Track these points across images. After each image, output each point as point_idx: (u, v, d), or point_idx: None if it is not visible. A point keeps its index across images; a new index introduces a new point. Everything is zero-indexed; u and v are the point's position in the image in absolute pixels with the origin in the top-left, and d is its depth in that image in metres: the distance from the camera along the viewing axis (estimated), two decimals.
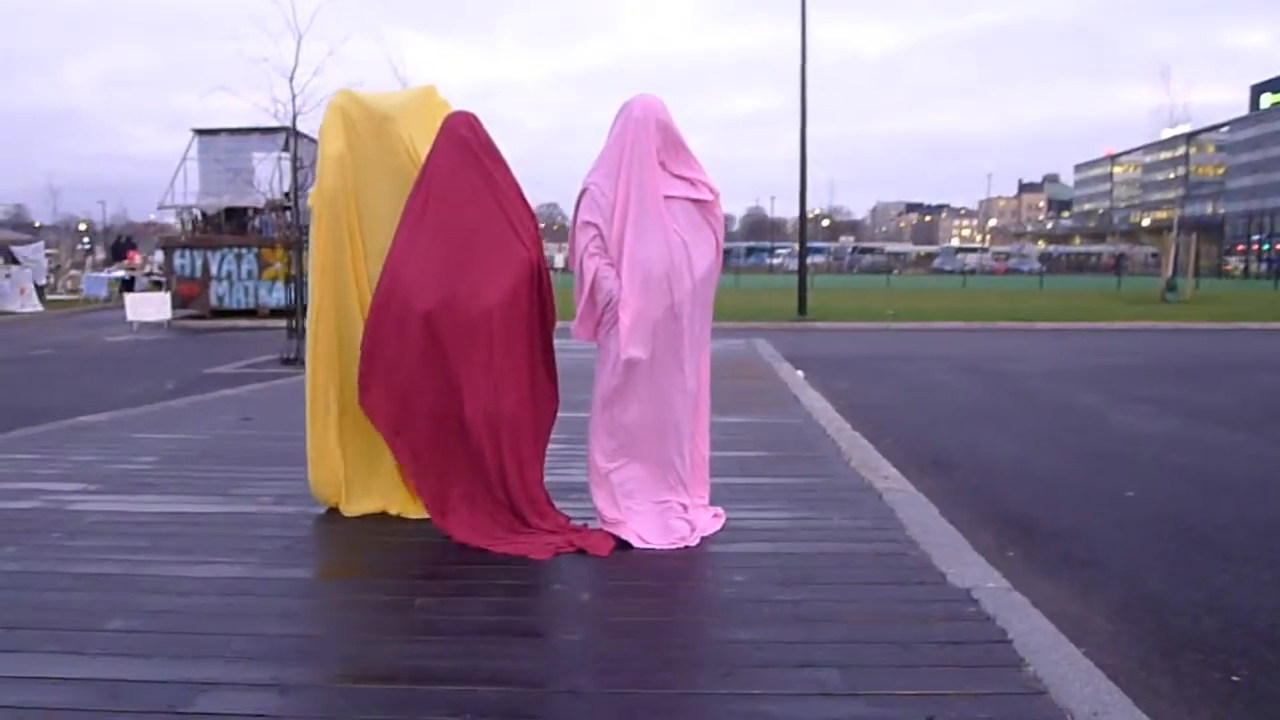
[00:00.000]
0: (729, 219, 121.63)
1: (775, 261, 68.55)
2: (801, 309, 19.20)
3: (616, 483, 3.73)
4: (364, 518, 4.02)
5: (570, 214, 3.78)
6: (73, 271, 28.53)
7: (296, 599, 3.17)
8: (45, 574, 3.36)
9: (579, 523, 3.82)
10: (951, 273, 53.35)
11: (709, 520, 3.90)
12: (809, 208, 21.96)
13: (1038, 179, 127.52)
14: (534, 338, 3.78)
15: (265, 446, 5.70)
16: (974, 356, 12.87)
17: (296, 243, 11.92)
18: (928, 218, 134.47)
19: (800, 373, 9.87)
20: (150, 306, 16.56)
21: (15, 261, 21.32)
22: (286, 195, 13.91)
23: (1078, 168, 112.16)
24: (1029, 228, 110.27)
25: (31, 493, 4.48)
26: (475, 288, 3.57)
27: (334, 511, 4.10)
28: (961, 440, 6.91)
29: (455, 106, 4.01)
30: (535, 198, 3.90)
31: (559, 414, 3.96)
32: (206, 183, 19.46)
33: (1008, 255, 68.76)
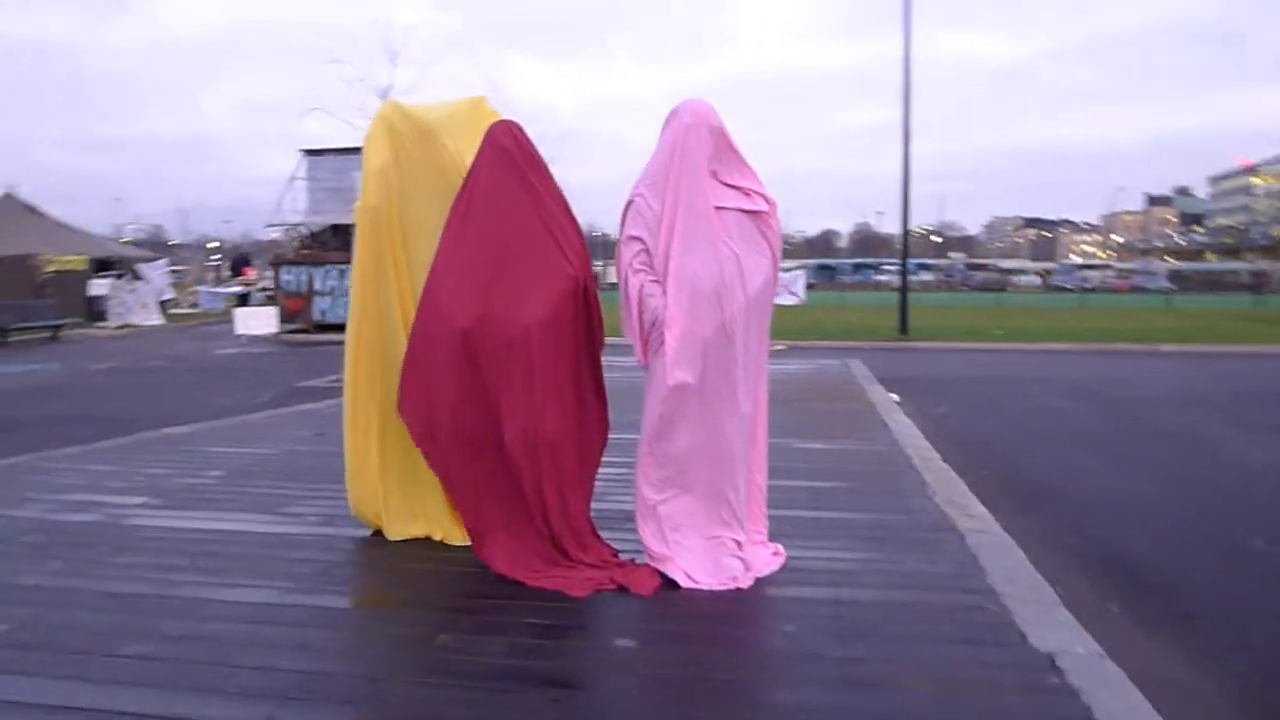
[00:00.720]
0: (834, 235, 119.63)
1: (881, 278, 66.91)
2: (903, 328, 18.45)
3: (664, 516, 3.46)
4: (406, 543, 3.86)
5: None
6: (195, 287, 30.06)
7: (316, 629, 3.01)
8: (80, 591, 3.33)
9: (627, 557, 3.57)
10: (1071, 290, 50.85)
11: (766, 558, 3.59)
12: (917, 223, 21.22)
13: (1168, 192, 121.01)
14: (579, 358, 3.55)
15: (331, 463, 5.60)
16: (1088, 380, 12.03)
17: None
18: (1047, 233, 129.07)
19: (894, 396, 9.37)
20: (258, 320, 17.19)
21: (140, 278, 22.56)
22: None
23: (1212, 180, 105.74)
24: (1157, 243, 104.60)
25: (95, 505, 4.52)
26: (514, 304, 3.37)
27: (379, 534, 3.97)
28: (1065, 472, 6.34)
29: (519, 119, 3.84)
30: None
31: (611, 437, 3.72)
32: (314, 201, 20.16)
33: (1133, 272, 65.17)
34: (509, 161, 3.43)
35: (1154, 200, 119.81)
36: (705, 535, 3.46)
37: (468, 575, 3.48)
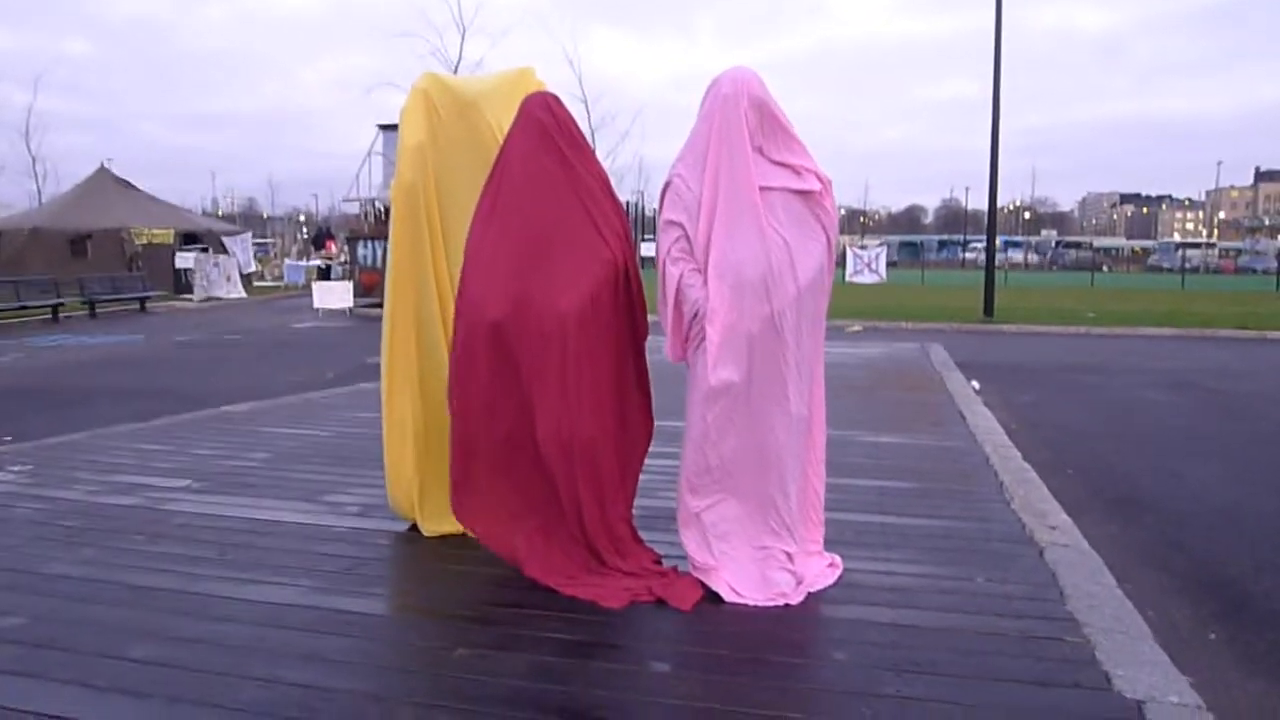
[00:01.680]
0: (919, 211, 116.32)
1: (969, 256, 64.85)
2: (988, 310, 17.66)
3: (709, 523, 3.19)
4: (442, 540, 3.69)
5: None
6: (280, 260, 30.75)
7: (331, 636, 2.84)
8: (104, 583, 3.23)
9: (671, 564, 3.32)
10: (1171, 270, 48.34)
11: (820, 571, 3.29)
12: (1007, 200, 20.28)
13: (1279, 166, 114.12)
14: (621, 350, 3.29)
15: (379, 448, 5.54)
16: (1188, 370, 11.26)
17: None
18: (1145, 210, 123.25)
19: (974, 384, 8.87)
20: (334, 295, 17.41)
21: (225, 251, 23.14)
22: None
23: None
24: (1266, 221, 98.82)
25: (138, 488, 4.47)
26: (548, 292, 3.12)
27: (415, 529, 3.81)
28: (1161, 475, 5.84)
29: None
30: None
31: (659, 423, 3.46)
32: (388, 175, 20.33)
33: (1239, 252, 61.66)
34: (544, 136, 3.17)
35: (1261, 175, 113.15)
36: (754, 545, 3.19)
37: (497, 580, 3.27)
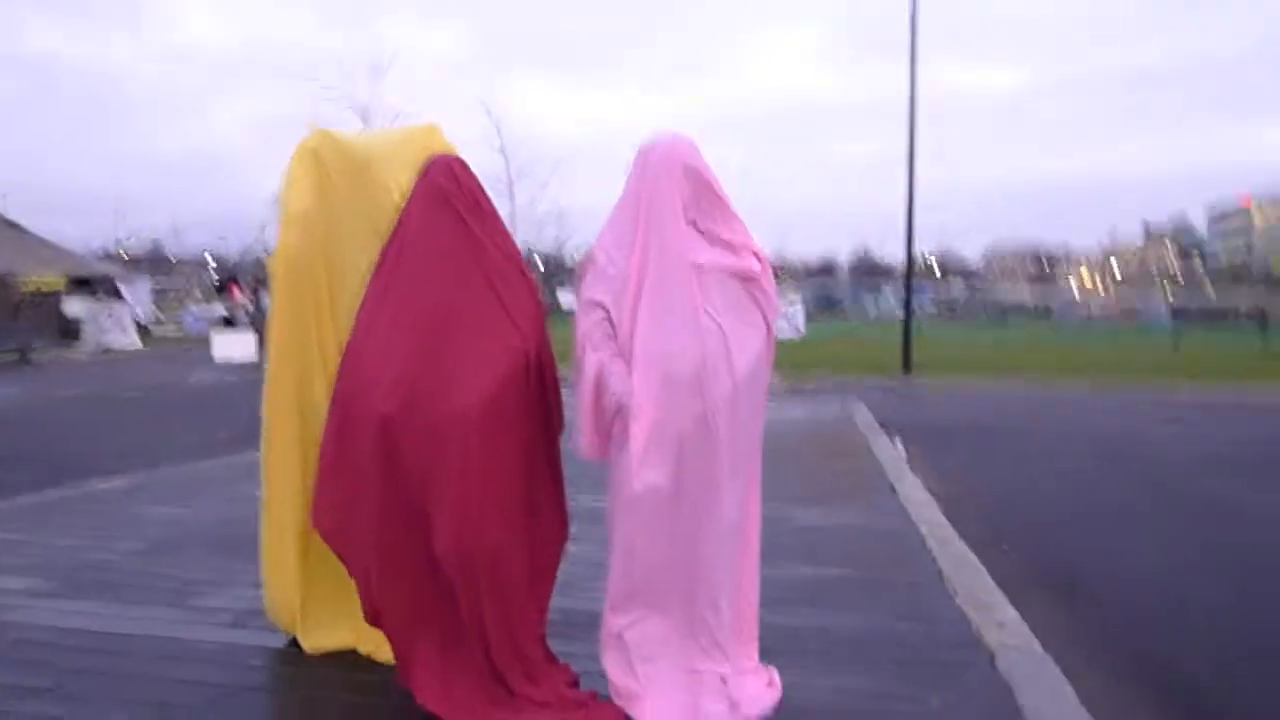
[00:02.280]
0: (834, 264, 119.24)
1: (882, 307, 66.44)
2: (906, 365, 17.83)
3: (633, 644, 2.79)
4: (325, 660, 3.20)
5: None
6: (183, 309, 29.32)
7: None
8: None
9: (590, 686, 2.91)
10: (1071, 322, 50.35)
11: (758, 692, 2.92)
12: (917, 250, 20.64)
13: (1165, 221, 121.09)
14: (532, 447, 2.90)
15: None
16: (1106, 429, 11.38)
17: None
18: (1046, 263, 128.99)
19: (900, 449, 8.72)
20: (236, 346, 16.53)
21: (120, 298, 21.91)
22: None
23: (1212, 215, 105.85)
24: (1154, 272, 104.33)
25: None
26: (447, 386, 2.72)
27: (295, 644, 3.31)
28: (1098, 554, 5.66)
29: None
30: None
31: (580, 510, 3.08)
32: None
33: (1134, 311, 64.66)
34: (445, 205, 2.80)
35: (1151, 232, 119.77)
36: (683, 668, 2.80)
37: (389, 712, 2.81)
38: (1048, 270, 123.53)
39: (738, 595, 2.91)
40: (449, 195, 2.80)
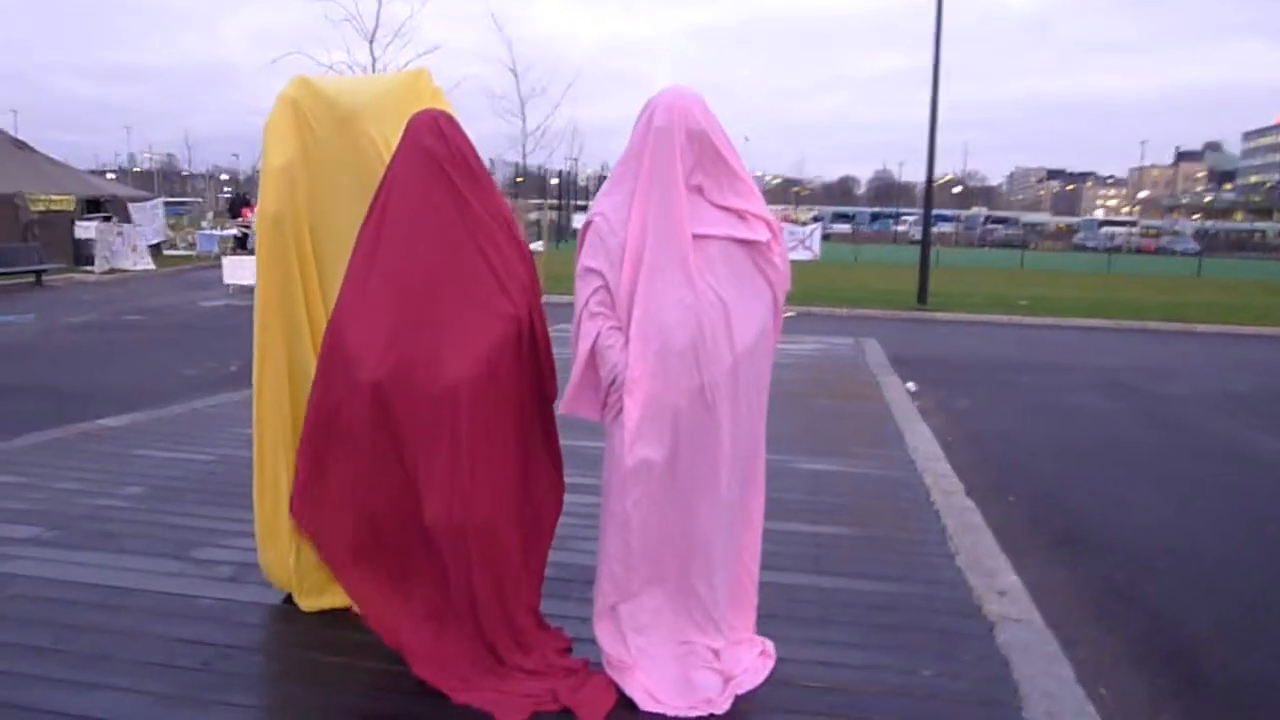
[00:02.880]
0: (852, 182, 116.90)
1: (900, 229, 65.58)
2: (921, 297, 17.58)
3: (625, 614, 2.77)
4: (320, 619, 3.21)
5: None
6: (196, 229, 29.14)
7: None
8: None
9: (580, 658, 2.90)
10: (1094, 249, 49.40)
11: (751, 662, 2.91)
12: (939, 172, 20.12)
13: (1198, 147, 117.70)
14: (525, 417, 2.83)
15: None
16: (1120, 368, 11.23)
17: None
18: (1070, 186, 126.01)
19: (911, 385, 8.63)
20: (247, 269, 16.40)
21: (130, 220, 21.76)
22: None
23: (1246, 135, 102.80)
24: (1185, 200, 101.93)
25: None
26: (436, 355, 2.64)
27: (290, 601, 3.32)
28: (1106, 504, 5.61)
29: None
30: None
31: (580, 454, 3.04)
32: None
33: (1159, 232, 63.41)
34: (432, 165, 2.67)
35: (1183, 155, 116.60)
36: (675, 639, 2.78)
37: (377, 681, 2.82)
38: (1073, 194, 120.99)
39: (738, 568, 2.87)
40: (435, 155, 2.66)
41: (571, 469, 3.04)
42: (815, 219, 54.95)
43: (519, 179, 32.14)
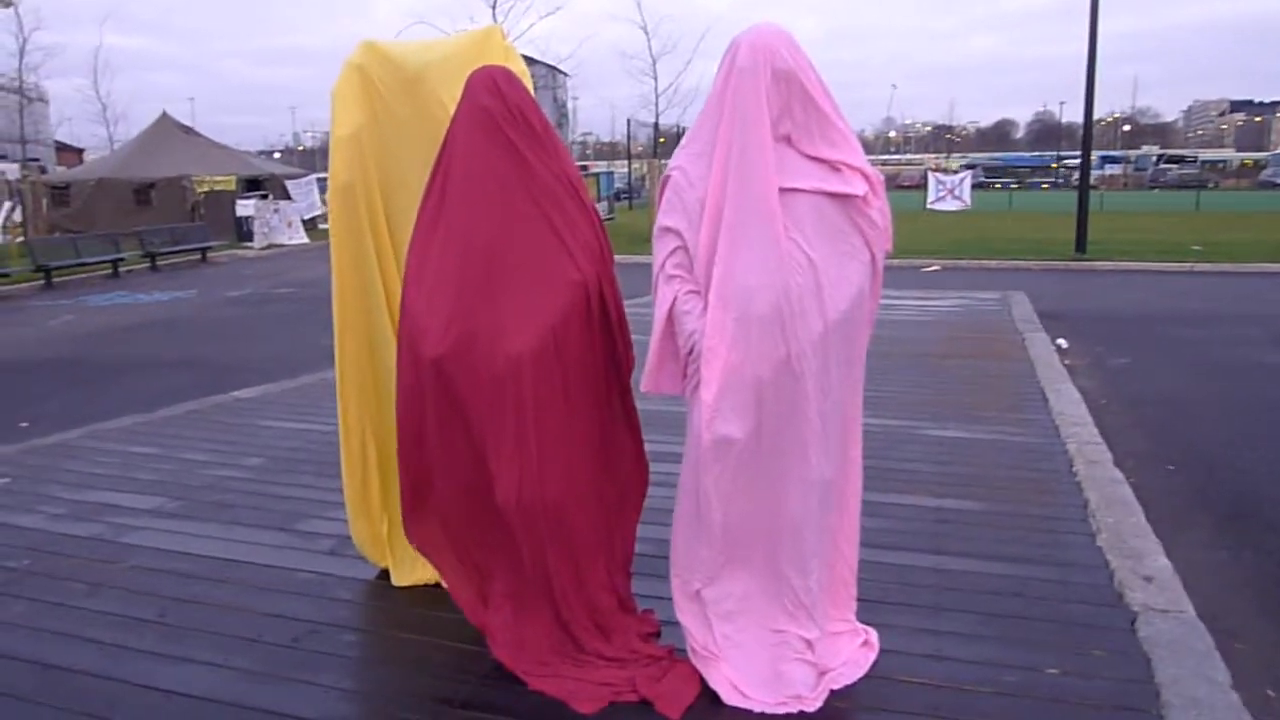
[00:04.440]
0: (1010, 126, 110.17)
1: (1063, 174, 61.43)
2: (1079, 245, 16.27)
3: (710, 600, 2.57)
4: (409, 596, 3.19)
5: None
6: None
7: None
8: (16, 661, 2.82)
9: (666, 645, 2.74)
10: None
11: (850, 655, 2.67)
12: (1105, 111, 18.48)
13: None
14: (598, 390, 2.66)
15: None
16: None
17: None
18: (1258, 119, 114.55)
19: (1061, 342, 7.97)
20: None
21: (288, 196, 22.94)
22: None
23: None
24: None
25: (106, 510, 4.08)
26: (499, 327, 2.49)
27: (385, 575, 3.31)
28: None
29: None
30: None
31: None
32: None
33: None
34: (491, 126, 2.50)
35: None
36: (767, 627, 2.57)
37: (459, 663, 2.75)
38: (1260, 127, 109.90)
39: (834, 556, 2.63)
40: (493, 114, 2.50)
41: (666, 435, 2.86)
42: (968, 167, 52.28)
43: (661, 139, 31.85)
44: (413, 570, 3.25)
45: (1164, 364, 7.80)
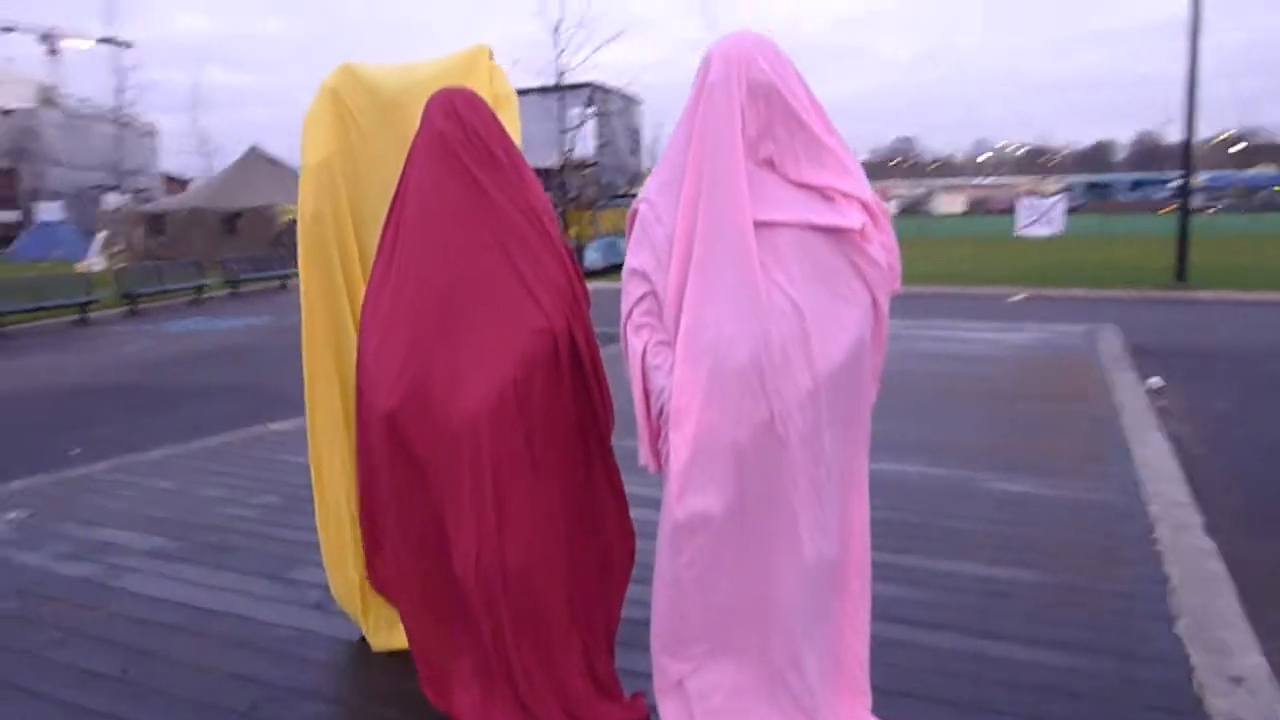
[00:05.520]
0: (1110, 148, 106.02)
1: (1165, 196, 58.74)
2: (1180, 273, 15.25)
3: (695, 693, 2.22)
4: (385, 663, 2.91)
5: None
6: None
7: None
8: None
9: None
10: None
11: None
12: (1212, 130, 17.43)
13: None
14: (572, 451, 2.36)
15: None
16: None
17: (592, 203, 11.50)
18: None
19: (1155, 380, 7.31)
20: None
21: None
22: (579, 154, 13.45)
23: None
24: None
25: (108, 550, 3.96)
26: (454, 377, 2.22)
27: (364, 640, 3.06)
28: None
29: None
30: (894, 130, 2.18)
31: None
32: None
33: None
34: (447, 154, 2.24)
35: None
36: None
37: None
38: None
39: (837, 645, 2.25)
40: (449, 141, 2.23)
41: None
42: (1065, 189, 50.48)
43: None
44: (390, 636, 2.97)
45: (1274, 409, 7.05)
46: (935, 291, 14.88)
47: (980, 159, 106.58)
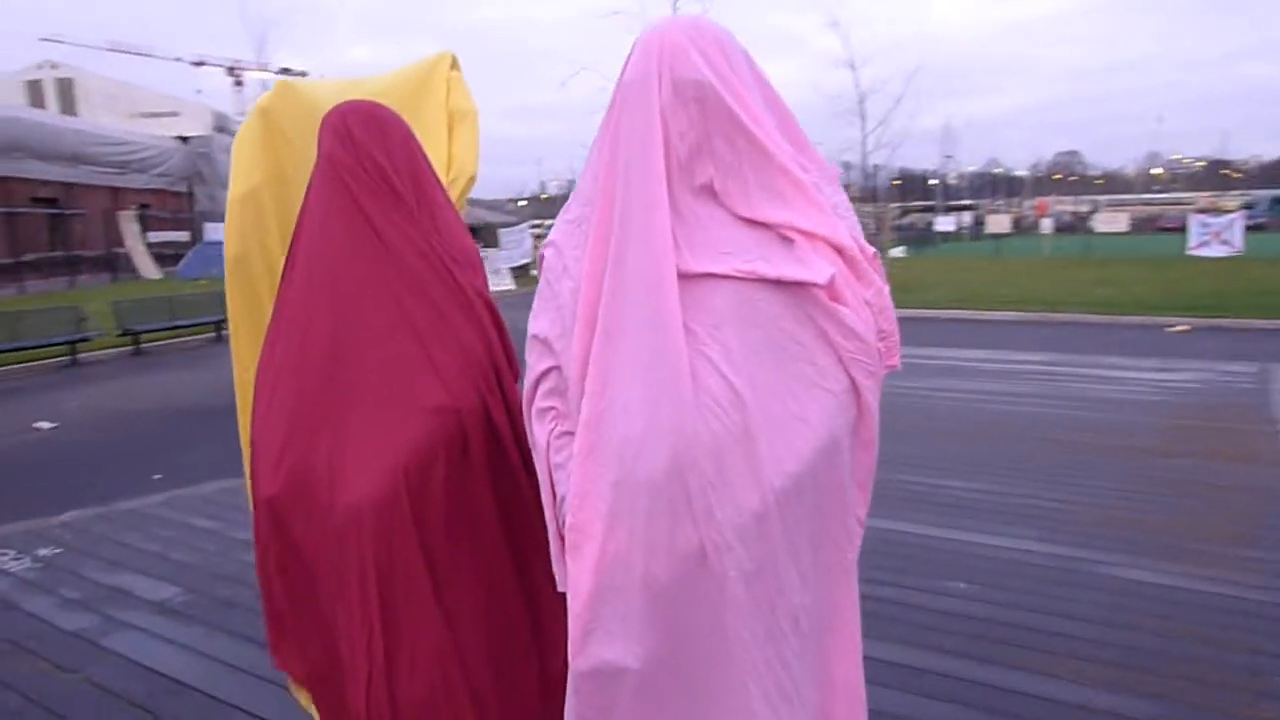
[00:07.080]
0: (1238, 169, 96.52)
1: None
2: None
3: None
4: None
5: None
6: None
7: None
8: None
9: None
10: None
11: None
12: None
13: None
14: (492, 553, 1.89)
15: None
16: None
17: None
18: None
19: None
20: None
21: (494, 245, 23.68)
22: None
23: None
24: None
25: (111, 598, 3.80)
26: (339, 462, 1.79)
27: None
28: None
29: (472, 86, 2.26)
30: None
31: None
32: None
33: None
34: (338, 187, 1.82)
35: None
36: None
37: None
38: None
39: None
40: (339, 171, 1.81)
41: None
42: (1246, 205, 46.06)
43: (895, 180, 30.04)
44: None
45: None
46: (1081, 320, 13.55)
47: (1154, 171, 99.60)
